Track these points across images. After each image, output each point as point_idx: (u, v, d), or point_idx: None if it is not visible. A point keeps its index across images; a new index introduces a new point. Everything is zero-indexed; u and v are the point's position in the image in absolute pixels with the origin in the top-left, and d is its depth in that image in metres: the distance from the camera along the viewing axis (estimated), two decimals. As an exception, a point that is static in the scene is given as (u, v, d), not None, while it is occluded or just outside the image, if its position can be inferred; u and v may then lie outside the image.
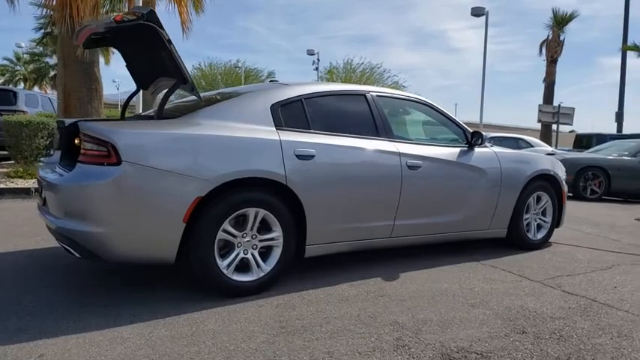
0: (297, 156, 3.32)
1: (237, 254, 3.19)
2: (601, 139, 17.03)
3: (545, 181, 4.91)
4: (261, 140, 3.24)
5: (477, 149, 4.40)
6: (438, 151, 4.15)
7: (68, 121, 3.85)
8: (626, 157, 11.04)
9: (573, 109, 22.85)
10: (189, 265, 3.09)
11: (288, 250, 3.35)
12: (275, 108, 3.42)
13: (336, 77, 36.38)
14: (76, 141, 3.79)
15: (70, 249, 2.94)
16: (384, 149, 3.77)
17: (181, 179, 2.94)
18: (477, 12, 25.00)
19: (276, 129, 3.35)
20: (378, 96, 4.02)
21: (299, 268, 3.69)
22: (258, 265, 3.26)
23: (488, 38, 23.38)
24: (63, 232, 2.92)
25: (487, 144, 4.59)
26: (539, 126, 27.44)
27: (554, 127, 23.65)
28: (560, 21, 24.91)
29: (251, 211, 3.19)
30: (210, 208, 3.02)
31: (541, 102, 25.87)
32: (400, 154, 3.84)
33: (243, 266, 3.23)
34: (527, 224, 4.85)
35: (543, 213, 5.01)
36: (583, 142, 18.31)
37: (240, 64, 40.74)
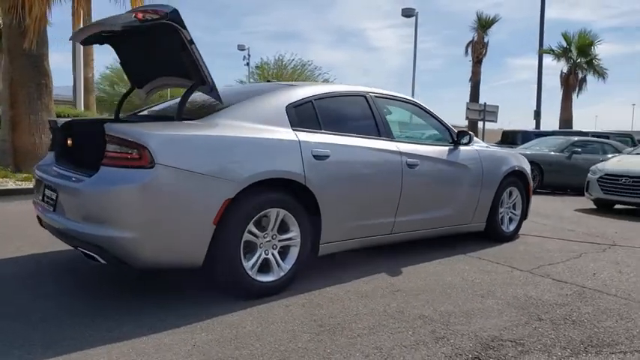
0: (314, 156, 3.36)
1: (260, 255, 3.19)
2: (525, 135, 18.21)
3: (515, 177, 5.26)
4: (283, 141, 3.25)
5: (462, 148, 4.64)
6: (430, 149, 4.35)
7: (60, 121, 3.66)
8: (556, 153, 11.96)
9: (497, 107, 24.21)
10: (214, 268, 3.03)
11: (305, 250, 3.39)
12: (290, 109, 3.44)
13: (267, 73, 36.13)
14: (69, 141, 3.61)
15: (94, 255, 2.80)
16: (387, 149, 3.90)
17: (212, 181, 2.89)
18: (408, 13, 25.90)
19: (293, 129, 3.37)
20: (376, 96, 4.13)
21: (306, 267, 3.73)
22: (278, 265, 3.27)
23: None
24: (86, 237, 2.78)
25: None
26: (465, 122, 28.96)
27: (480, 124, 25.02)
28: (484, 24, 26.37)
29: (273, 212, 3.20)
30: (237, 209, 3.00)
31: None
32: (401, 153, 3.98)
33: (264, 267, 3.23)
34: (501, 218, 5.18)
35: (514, 207, 5.37)
36: (509, 138, 19.47)
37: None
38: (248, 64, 38.09)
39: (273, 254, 3.26)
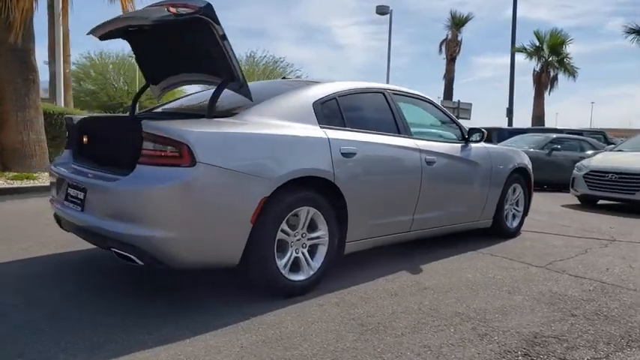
0: (342, 154, 3.32)
1: (291, 254, 3.14)
2: (501, 133, 18.53)
3: (519, 173, 5.34)
4: (314, 139, 3.20)
5: (472, 145, 4.67)
6: (446, 146, 4.36)
7: (76, 118, 3.52)
8: (536, 150, 12.21)
9: (471, 104, 24.70)
10: (248, 267, 2.96)
11: (332, 248, 3.36)
12: (316, 105, 3.39)
13: (249, 69, 35.71)
14: (84, 139, 3.48)
15: (129, 255, 2.69)
16: (408, 146, 3.89)
17: (249, 179, 2.82)
18: (382, 10, 26.04)
19: (320, 127, 3.32)
20: (393, 93, 4.12)
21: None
22: (308, 264, 3.23)
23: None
24: (122, 237, 2.67)
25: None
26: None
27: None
28: (458, 22, 26.73)
29: (303, 210, 3.15)
30: (272, 208, 2.93)
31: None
32: (420, 151, 3.98)
33: (294, 266, 3.18)
34: (506, 214, 5.25)
35: (517, 203, 5.45)
36: (485, 135, 19.69)
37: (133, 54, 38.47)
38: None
39: (303, 253, 3.21)
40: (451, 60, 26.74)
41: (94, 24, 3.30)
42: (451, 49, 26.61)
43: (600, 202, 8.80)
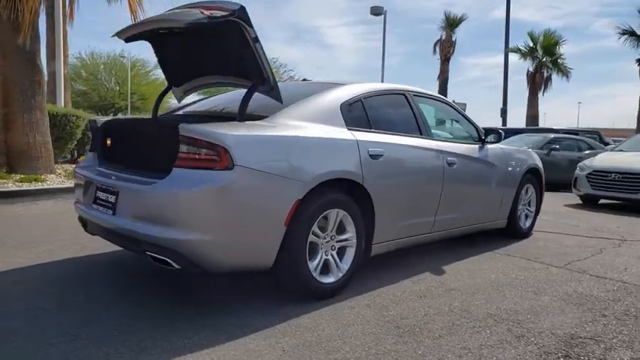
0: (370, 155, 3.32)
1: (321, 256, 3.13)
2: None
3: (532, 174, 5.36)
4: (344, 141, 3.19)
5: (489, 146, 4.69)
6: (464, 147, 4.38)
7: (100, 120, 3.49)
8: (535, 150, 12.27)
9: (465, 104, 24.89)
10: (281, 269, 2.95)
11: (360, 250, 3.35)
12: (344, 107, 3.38)
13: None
14: (110, 141, 3.45)
15: (165, 259, 2.66)
16: (430, 147, 3.90)
17: (284, 182, 2.81)
18: (376, 11, 26.10)
19: (348, 129, 3.31)
20: (414, 95, 4.12)
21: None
22: (337, 266, 3.22)
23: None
24: (159, 241, 2.64)
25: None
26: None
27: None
28: (452, 23, 26.86)
29: (333, 212, 3.14)
30: (305, 210, 2.92)
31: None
32: (442, 152, 3.99)
33: (323, 268, 3.17)
34: (519, 215, 5.28)
35: (529, 204, 5.48)
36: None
37: (125, 55, 38.26)
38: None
39: (332, 255, 3.21)
40: (445, 60, 26.86)
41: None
42: (445, 49, 26.74)
43: (602, 201, 8.88)
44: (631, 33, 21.61)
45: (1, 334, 2.49)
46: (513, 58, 25.59)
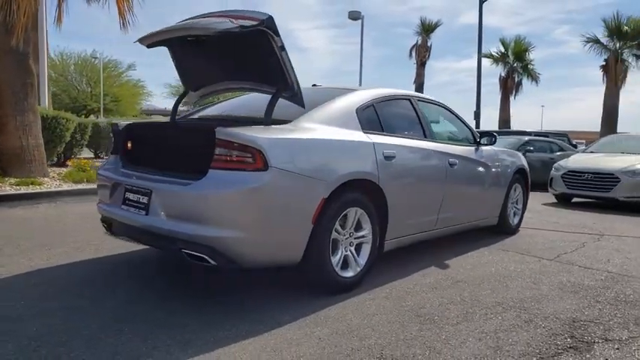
0: (384, 157, 3.55)
1: (342, 252, 3.33)
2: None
3: (519, 174, 5.70)
4: (362, 143, 3.41)
5: (484, 147, 4.99)
6: (463, 149, 4.66)
7: (122, 124, 3.61)
8: (511, 152, 12.75)
9: (439, 108, 25.33)
10: (307, 264, 3.13)
11: (375, 246, 3.57)
12: (359, 112, 3.60)
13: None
14: (129, 144, 3.58)
15: (202, 256, 2.81)
16: (434, 149, 4.16)
17: (311, 182, 3.00)
18: (354, 16, 26.42)
19: (364, 132, 3.53)
20: (418, 99, 4.38)
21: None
22: (355, 261, 3.43)
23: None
24: (197, 239, 2.79)
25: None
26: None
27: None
28: (428, 28, 27.48)
29: (352, 211, 3.35)
30: (329, 208, 3.12)
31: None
32: (444, 154, 4.25)
33: (343, 263, 3.37)
34: (509, 212, 5.60)
35: (517, 202, 5.81)
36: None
37: (97, 55, 37.62)
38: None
39: (350, 251, 3.41)
40: (421, 65, 27.44)
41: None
42: (421, 54, 27.32)
43: (575, 200, 9.35)
44: (596, 41, 22.59)
45: (46, 331, 2.60)
46: (484, 62, 26.34)
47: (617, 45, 22.34)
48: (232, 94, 4.98)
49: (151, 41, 3.40)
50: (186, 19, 3.43)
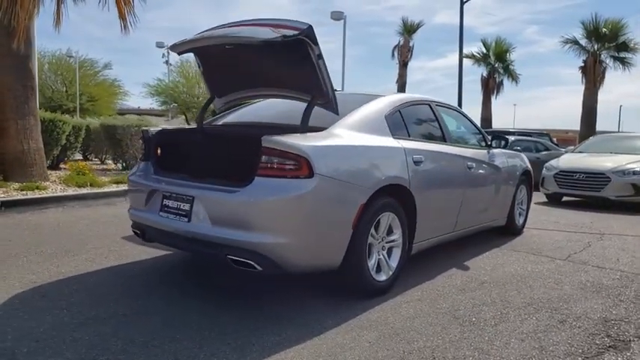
0: (414, 162, 3.62)
1: (376, 256, 3.40)
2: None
3: (525, 175, 5.85)
4: (395, 149, 3.48)
5: (495, 150, 5.12)
6: (478, 152, 4.77)
7: (153, 130, 3.61)
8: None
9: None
10: (345, 269, 3.18)
11: (404, 250, 3.64)
12: (387, 118, 3.67)
13: (188, 72, 35.03)
14: (158, 150, 3.59)
15: (249, 262, 2.85)
16: (455, 153, 4.26)
17: (351, 188, 3.06)
18: (337, 16, 26.53)
19: (393, 137, 3.60)
20: (436, 105, 4.47)
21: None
22: (387, 265, 3.50)
23: None
24: (244, 245, 2.83)
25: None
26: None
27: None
28: (410, 29, 27.73)
29: (385, 215, 3.42)
30: (366, 214, 3.18)
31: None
32: (462, 157, 4.36)
33: (377, 267, 3.43)
34: (515, 213, 5.74)
35: (522, 203, 5.96)
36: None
37: (73, 54, 36.85)
38: (167, 62, 36.84)
39: (383, 255, 3.48)
40: (404, 65, 27.68)
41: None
42: (404, 54, 27.55)
43: (565, 198, 9.60)
44: (574, 42, 23.15)
45: (100, 340, 2.60)
46: (468, 63, 26.75)
47: (596, 46, 22.94)
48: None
49: (185, 48, 3.41)
50: (217, 27, 3.44)
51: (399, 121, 3.80)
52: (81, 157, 11.27)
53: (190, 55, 3.78)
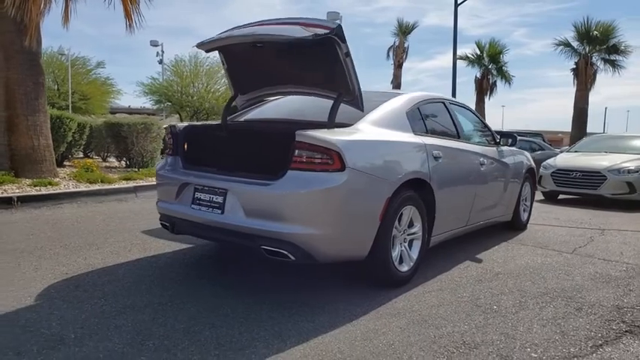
0: (434, 157, 3.76)
1: (399, 248, 3.53)
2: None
3: (529, 173, 6.02)
4: (416, 144, 3.61)
5: (503, 148, 5.28)
6: (488, 149, 4.93)
7: (180, 126, 3.71)
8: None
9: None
10: (371, 260, 3.31)
11: (424, 242, 3.78)
12: (408, 114, 3.80)
13: (186, 71, 34.95)
14: (185, 145, 3.69)
15: (283, 252, 2.96)
16: (468, 149, 4.41)
17: (379, 181, 3.19)
18: (333, 17, 26.62)
19: (415, 134, 3.73)
20: (450, 102, 4.61)
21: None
22: (409, 257, 3.63)
23: None
24: (278, 236, 2.94)
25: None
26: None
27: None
28: (405, 30, 27.97)
29: (407, 209, 3.55)
30: (392, 207, 3.31)
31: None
32: (476, 154, 4.51)
33: (399, 259, 3.56)
34: (520, 209, 5.91)
35: (526, 199, 6.13)
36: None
37: (65, 52, 36.57)
38: (161, 60, 36.78)
39: (405, 247, 3.61)
40: (399, 66, 27.89)
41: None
42: (399, 55, 27.78)
43: (560, 196, 9.81)
44: (566, 44, 23.50)
45: (142, 327, 2.70)
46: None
47: (587, 49, 23.31)
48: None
49: (213, 46, 3.51)
50: (243, 26, 3.54)
51: (418, 118, 3.94)
52: (82, 155, 11.27)
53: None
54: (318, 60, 3.39)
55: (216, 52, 3.80)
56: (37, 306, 2.97)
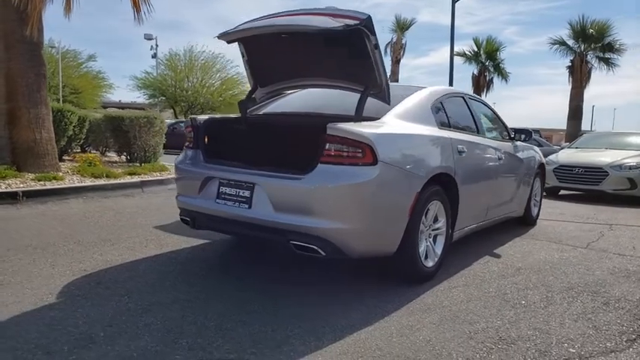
0: (458, 152, 3.73)
1: (425, 243, 3.49)
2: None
3: (540, 168, 6.02)
4: (443, 139, 3.58)
5: (518, 143, 5.27)
6: (505, 144, 4.92)
7: (200, 119, 3.64)
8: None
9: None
10: (399, 255, 3.26)
11: (448, 237, 3.75)
12: (432, 108, 3.76)
13: (180, 65, 34.67)
14: (206, 139, 3.62)
15: (312, 247, 2.91)
16: (488, 144, 4.39)
17: (409, 176, 3.15)
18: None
19: (439, 128, 3.70)
20: (469, 97, 4.58)
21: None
22: (434, 252, 3.59)
23: None
24: (308, 230, 2.88)
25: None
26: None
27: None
28: (402, 26, 27.96)
29: (433, 204, 3.51)
30: (420, 202, 3.27)
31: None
32: (494, 149, 4.48)
33: (425, 254, 3.52)
34: (532, 204, 5.91)
35: (536, 195, 6.13)
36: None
37: (55, 44, 36.06)
38: (155, 54, 36.42)
39: (430, 242, 3.58)
40: (396, 62, 27.91)
41: None
42: (396, 51, 27.78)
43: (561, 192, 9.85)
44: (562, 43, 23.62)
45: (172, 324, 2.64)
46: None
47: (582, 47, 23.44)
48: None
49: (238, 37, 3.44)
50: (266, 17, 3.47)
51: (441, 112, 3.90)
52: (79, 150, 11.11)
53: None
54: (345, 52, 3.33)
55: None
56: (59, 303, 2.90)
